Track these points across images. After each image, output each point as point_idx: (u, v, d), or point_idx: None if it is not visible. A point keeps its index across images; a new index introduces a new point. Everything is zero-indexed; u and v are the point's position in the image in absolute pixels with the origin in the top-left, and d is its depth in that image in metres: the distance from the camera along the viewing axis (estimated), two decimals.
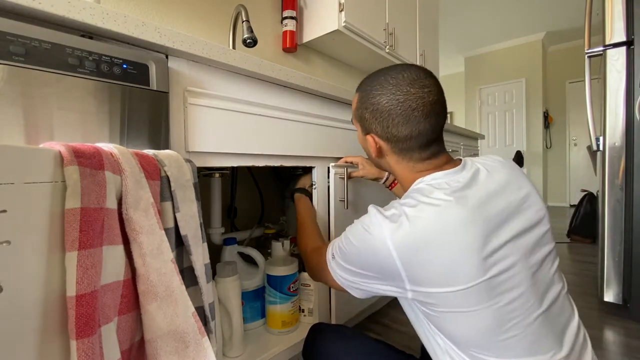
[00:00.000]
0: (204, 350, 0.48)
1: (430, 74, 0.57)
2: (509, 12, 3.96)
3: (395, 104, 0.54)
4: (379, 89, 0.57)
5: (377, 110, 0.57)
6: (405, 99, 0.54)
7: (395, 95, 0.54)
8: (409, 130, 0.55)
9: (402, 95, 0.54)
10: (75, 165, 0.38)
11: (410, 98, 0.53)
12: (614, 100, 1.42)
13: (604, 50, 1.44)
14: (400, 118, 0.55)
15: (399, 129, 0.55)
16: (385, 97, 0.56)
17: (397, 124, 0.55)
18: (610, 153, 1.43)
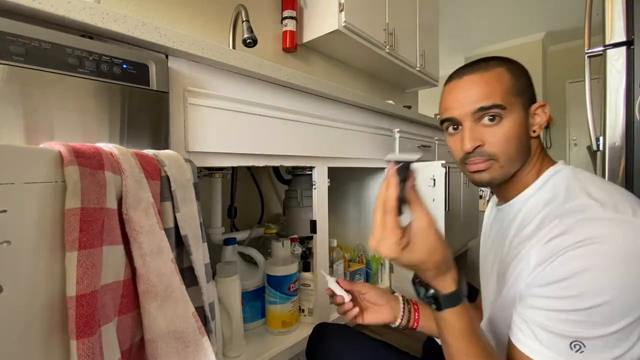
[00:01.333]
0: (204, 350, 0.48)
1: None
2: (509, 12, 3.96)
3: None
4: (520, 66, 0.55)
5: (529, 78, 0.55)
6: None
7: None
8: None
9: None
10: (75, 165, 0.38)
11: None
12: (614, 100, 1.42)
13: (604, 50, 1.44)
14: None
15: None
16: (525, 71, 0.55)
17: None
18: (610, 153, 1.43)
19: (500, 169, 0.52)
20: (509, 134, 0.50)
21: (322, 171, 1.02)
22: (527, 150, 0.52)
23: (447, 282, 0.43)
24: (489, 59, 0.54)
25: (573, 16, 4.02)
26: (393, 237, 0.40)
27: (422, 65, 2.22)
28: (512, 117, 0.50)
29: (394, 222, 0.41)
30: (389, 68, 2.13)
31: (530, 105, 0.53)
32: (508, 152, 0.51)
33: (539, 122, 0.53)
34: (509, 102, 0.50)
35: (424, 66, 2.24)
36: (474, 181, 0.55)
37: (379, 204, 0.42)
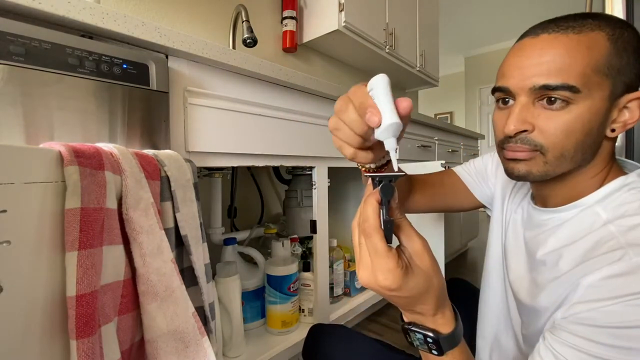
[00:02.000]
0: (204, 350, 0.48)
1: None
2: (509, 12, 3.96)
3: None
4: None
5: (638, 50, 0.38)
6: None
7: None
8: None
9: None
10: (75, 165, 0.38)
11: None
12: None
13: None
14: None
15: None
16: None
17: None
18: None
19: (543, 165, 0.41)
20: (573, 126, 0.38)
21: (322, 171, 1.02)
22: (592, 152, 0.40)
23: (447, 317, 0.36)
24: (588, 15, 0.39)
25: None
26: (391, 261, 0.31)
27: (422, 65, 2.22)
28: (587, 105, 0.37)
29: (384, 243, 0.32)
30: (389, 68, 2.13)
31: (625, 93, 0.38)
32: (563, 147, 0.39)
33: (625, 120, 0.39)
34: (590, 84, 0.37)
35: (424, 66, 2.24)
36: (507, 171, 0.45)
37: (360, 229, 0.33)
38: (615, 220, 0.37)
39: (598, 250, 0.36)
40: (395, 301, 0.35)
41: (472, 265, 2.20)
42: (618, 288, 0.33)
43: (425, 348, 0.37)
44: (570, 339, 0.35)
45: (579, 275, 0.37)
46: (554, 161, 0.40)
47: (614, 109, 0.39)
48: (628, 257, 0.33)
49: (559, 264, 0.41)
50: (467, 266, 2.18)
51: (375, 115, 0.30)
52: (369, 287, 0.34)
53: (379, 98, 0.31)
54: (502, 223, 0.59)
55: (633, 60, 0.38)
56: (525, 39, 0.42)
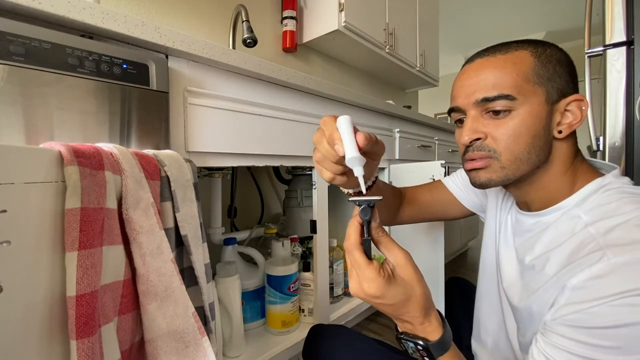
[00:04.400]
0: (204, 350, 0.48)
1: None
2: (509, 12, 3.96)
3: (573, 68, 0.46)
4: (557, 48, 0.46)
5: (569, 63, 0.45)
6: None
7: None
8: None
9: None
10: (75, 165, 0.38)
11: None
12: (614, 100, 1.42)
13: (604, 50, 1.44)
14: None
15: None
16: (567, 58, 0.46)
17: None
18: (610, 153, 1.43)
19: (500, 169, 0.44)
20: (518, 129, 0.42)
21: None
22: (544, 153, 0.44)
23: (434, 324, 0.39)
24: (514, 41, 0.46)
25: (573, 16, 4.02)
26: (372, 271, 0.36)
27: (422, 65, 2.22)
28: (527, 110, 0.42)
29: (364, 257, 0.37)
30: (389, 68, 2.13)
31: (561, 98, 0.43)
32: (513, 150, 0.43)
33: (570, 122, 0.43)
34: (524, 92, 0.42)
35: (424, 66, 2.24)
36: (472, 181, 0.48)
37: (344, 246, 0.39)
38: (595, 222, 0.39)
39: (580, 252, 0.38)
40: (383, 309, 0.39)
41: (472, 264, 2.20)
42: (600, 289, 0.34)
43: (418, 356, 0.40)
44: (559, 340, 0.36)
45: (564, 277, 0.38)
46: (510, 164, 0.44)
47: (555, 113, 0.44)
48: (607, 258, 0.35)
49: (545, 268, 0.42)
50: (467, 266, 2.18)
51: (341, 147, 0.37)
52: (357, 297, 0.38)
53: (343, 135, 0.38)
54: (495, 231, 0.60)
55: (560, 70, 0.44)
56: (465, 66, 0.49)
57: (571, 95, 0.44)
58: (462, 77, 0.48)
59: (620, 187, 0.41)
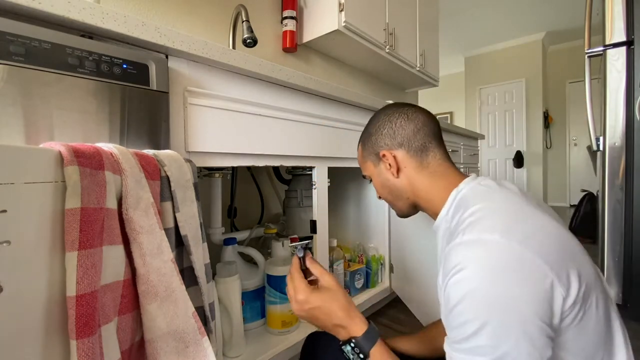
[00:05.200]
0: (204, 350, 0.48)
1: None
2: (509, 12, 3.96)
3: (391, 113, 0.62)
4: (374, 119, 0.65)
5: (379, 126, 0.62)
6: (396, 109, 0.62)
7: (386, 112, 0.63)
8: (412, 124, 0.59)
9: (392, 108, 0.63)
10: (75, 165, 0.38)
11: (399, 108, 0.62)
12: (614, 100, 1.42)
13: (604, 50, 1.44)
14: (400, 119, 0.60)
15: (404, 127, 0.59)
16: (381, 116, 0.63)
17: (400, 124, 0.60)
18: (610, 153, 1.43)
19: (395, 208, 0.65)
20: (375, 186, 0.65)
21: (322, 171, 1.02)
22: (400, 191, 0.60)
23: (359, 324, 0.51)
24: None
25: (573, 16, 4.02)
26: (303, 284, 0.55)
27: (422, 65, 2.22)
28: (371, 174, 0.65)
29: (301, 277, 0.56)
30: (389, 68, 2.13)
31: (378, 157, 0.61)
32: (384, 197, 0.64)
33: (388, 165, 0.60)
34: (363, 167, 0.67)
35: (424, 66, 2.24)
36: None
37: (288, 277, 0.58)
38: (455, 217, 0.48)
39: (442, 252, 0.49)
40: (316, 317, 0.52)
41: None
42: (443, 276, 0.42)
43: (356, 357, 0.49)
44: (446, 331, 0.43)
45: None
46: (392, 204, 0.65)
47: (380, 165, 0.62)
48: (446, 249, 0.43)
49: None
50: None
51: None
52: (294, 311, 0.54)
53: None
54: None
55: (375, 137, 0.62)
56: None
57: (380, 150, 0.61)
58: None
59: (468, 191, 0.50)
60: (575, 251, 0.41)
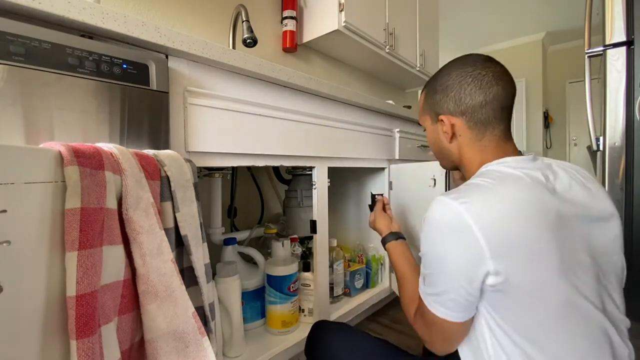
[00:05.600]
0: (204, 350, 0.48)
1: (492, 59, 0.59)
2: (509, 12, 3.96)
3: (465, 74, 0.57)
4: (446, 71, 0.60)
5: (448, 85, 0.59)
6: (473, 70, 0.57)
7: (463, 69, 0.58)
8: (482, 96, 0.56)
9: (470, 66, 0.57)
10: (75, 165, 0.38)
11: (477, 68, 0.57)
12: (614, 100, 1.42)
13: (604, 50, 1.44)
14: (472, 85, 0.56)
15: (472, 96, 0.56)
16: (455, 73, 0.59)
17: (470, 91, 0.56)
18: (610, 153, 1.43)
19: (440, 161, 0.71)
20: (428, 139, 0.71)
21: (322, 171, 1.02)
22: (447, 152, 0.64)
23: (386, 232, 0.86)
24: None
25: (573, 16, 4.02)
26: (379, 210, 0.94)
27: (422, 65, 2.22)
28: (426, 127, 0.69)
29: (380, 207, 0.95)
30: (389, 68, 2.13)
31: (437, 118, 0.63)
32: (433, 151, 0.71)
33: (443, 130, 0.62)
34: (421, 118, 0.70)
35: (424, 66, 2.24)
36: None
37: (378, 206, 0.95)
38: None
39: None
40: (374, 225, 0.92)
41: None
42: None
43: (383, 243, 0.85)
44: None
45: None
46: (439, 159, 0.71)
47: (438, 125, 0.63)
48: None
49: None
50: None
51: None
52: (371, 219, 0.94)
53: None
54: None
55: (440, 96, 0.61)
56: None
57: (441, 113, 0.62)
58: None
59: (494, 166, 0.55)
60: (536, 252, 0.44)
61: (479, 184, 0.49)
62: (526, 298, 0.44)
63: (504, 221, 0.45)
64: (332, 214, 1.58)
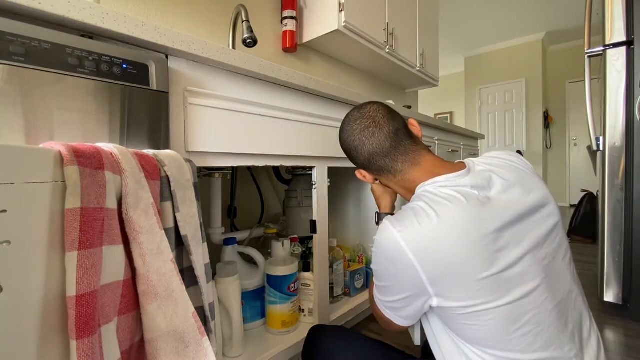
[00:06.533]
0: (204, 350, 0.48)
1: (365, 104, 0.66)
2: (509, 12, 3.96)
3: (346, 144, 0.68)
4: (339, 136, 0.71)
5: (345, 151, 0.70)
6: (347, 136, 0.67)
7: (343, 136, 0.68)
8: (363, 157, 0.65)
9: (345, 134, 0.68)
10: (75, 165, 0.38)
11: (349, 134, 0.66)
12: (614, 100, 1.42)
13: (604, 50, 1.44)
14: (353, 152, 0.67)
15: (358, 157, 0.66)
16: (341, 141, 0.70)
17: (355, 155, 0.66)
18: (610, 153, 1.43)
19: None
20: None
21: (322, 171, 1.02)
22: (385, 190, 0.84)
23: (386, 209, 0.84)
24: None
25: (573, 16, 4.02)
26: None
27: (422, 65, 2.22)
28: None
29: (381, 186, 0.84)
30: (389, 68, 2.13)
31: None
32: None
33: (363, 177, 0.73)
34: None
35: (424, 66, 2.24)
36: None
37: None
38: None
39: None
40: (377, 196, 0.85)
41: None
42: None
43: (377, 219, 0.86)
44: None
45: None
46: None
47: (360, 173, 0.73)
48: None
49: None
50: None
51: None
52: (374, 187, 0.85)
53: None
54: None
55: (348, 156, 0.70)
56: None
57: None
58: None
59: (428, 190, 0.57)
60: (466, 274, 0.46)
61: (415, 208, 0.51)
62: (473, 316, 0.47)
63: (438, 245, 0.47)
64: (332, 214, 1.58)
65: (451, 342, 0.53)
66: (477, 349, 0.49)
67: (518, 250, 0.48)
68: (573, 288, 0.53)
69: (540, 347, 0.46)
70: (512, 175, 0.55)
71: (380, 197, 0.87)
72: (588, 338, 0.51)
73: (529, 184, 0.54)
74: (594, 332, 0.53)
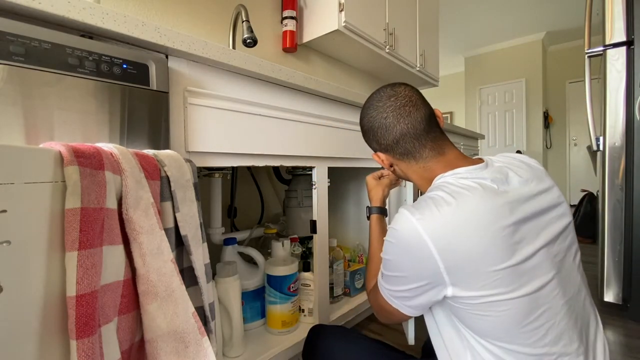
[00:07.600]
0: (204, 350, 0.48)
1: (397, 84, 0.63)
2: (509, 12, 3.96)
3: (372, 120, 0.63)
4: (363, 113, 0.66)
5: (366, 129, 0.65)
6: (377, 113, 0.62)
7: (370, 113, 0.63)
8: (392, 136, 0.61)
9: (374, 110, 0.63)
10: (75, 165, 0.38)
11: (380, 111, 0.61)
12: (614, 100, 1.42)
13: (604, 50, 1.44)
14: (380, 130, 0.62)
15: (385, 137, 0.62)
16: (367, 117, 0.64)
17: (381, 134, 0.62)
18: (610, 153, 1.43)
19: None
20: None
21: (322, 171, 1.02)
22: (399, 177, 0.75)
23: (377, 203, 0.84)
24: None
25: (573, 16, 4.02)
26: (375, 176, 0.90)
27: (422, 65, 2.22)
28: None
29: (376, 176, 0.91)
30: (389, 68, 2.13)
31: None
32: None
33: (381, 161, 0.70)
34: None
35: (424, 66, 2.24)
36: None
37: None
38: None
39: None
40: (369, 189, 0.88)
41: None
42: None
43: (367, 213, 0.85)
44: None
45: None
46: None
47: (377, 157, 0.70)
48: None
49: None
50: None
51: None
52: (368, 178, 0.90)
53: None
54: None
55: (365, 137, 0.68)
56: None
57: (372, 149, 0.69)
58: None
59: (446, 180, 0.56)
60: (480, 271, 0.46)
61: (434, 198, 0.50)
62: (487, 307, 0.46)
63: (457, 234, 0.46)
64: (332, 214, 1.58)
65: (455, 333, 0.53)
66: (486, 341, 0.49)
67: (534, 245, 0.48)
68: (582, 289, 0.52)
69: (550, 341, 0.46)
70: (527, 173, 0.55)
71: (372, 190, 0.86)
72: (594, 341, 0.51)
73: (544, 183, 0.55)
74: (600, 336, 0.53)
